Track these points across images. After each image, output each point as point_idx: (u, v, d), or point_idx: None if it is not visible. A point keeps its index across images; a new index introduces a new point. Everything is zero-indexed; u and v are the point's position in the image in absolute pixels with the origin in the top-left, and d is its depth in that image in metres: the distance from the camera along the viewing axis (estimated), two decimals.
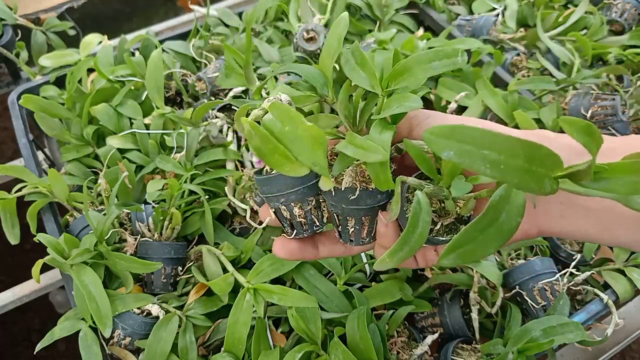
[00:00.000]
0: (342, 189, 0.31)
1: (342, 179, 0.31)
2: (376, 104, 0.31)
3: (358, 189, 0.31)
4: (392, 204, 0.30)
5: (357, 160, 0.31)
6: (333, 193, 0.31)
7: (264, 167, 0.34)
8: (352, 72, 0.31)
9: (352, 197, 0.31)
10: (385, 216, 0.31)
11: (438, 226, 0.30)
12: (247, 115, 0.31)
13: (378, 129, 0.29)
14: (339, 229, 0.34)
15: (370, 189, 0.31)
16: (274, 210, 0.34)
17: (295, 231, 0.34)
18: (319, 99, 0.33)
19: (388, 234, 0.31)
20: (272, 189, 0.33)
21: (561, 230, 0.30)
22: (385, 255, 0.29)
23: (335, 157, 0.32)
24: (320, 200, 0.34)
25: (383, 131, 0.29)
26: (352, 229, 0.33)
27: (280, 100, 0.30)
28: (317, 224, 0.34)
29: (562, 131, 0.26)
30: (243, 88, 0.69)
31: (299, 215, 0.33)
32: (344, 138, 0.31)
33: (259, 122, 0.27)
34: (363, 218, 0.32)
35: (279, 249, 0.35)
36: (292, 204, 0.33)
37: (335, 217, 0.33)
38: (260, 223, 0.35)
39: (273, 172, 0.32)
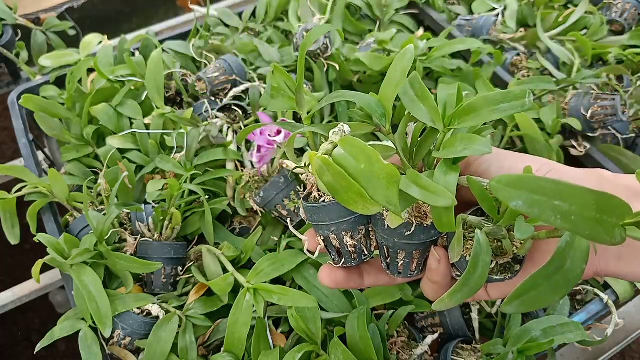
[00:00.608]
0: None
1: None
2: (436, 140, 0.31)
3: (414, 225, 0.30)
4: (453, 244, 0.29)
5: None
6: (386, 227, 0.31)
7: (312, 193, 0.33)
8: (411, 104, 0.31)
9: (407, 233, 0.30)
10: (439, 252, 0.31)
11: (493, 265, 0.30)
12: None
13: (443, 170, 0.28)
14: (388, 260, 0.33)
15: (425, 225, 0.30)
16: (322, 238, 0.33)
17: (343, 259, 0.33)
18: (374, 128, 0.32)
19: (440, 270, 0.31)
20: (324, 217, 0.32)
21: (617, 271, 0.29)
22: (445, 296, 0.28)
23: None
24: (370, 230, 0.33)
25: (448, 172, 0.28)
26: (402, 262, 0.32)
27: (344, 132, 0.29)
28: (366, 253, 0.33)
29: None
30: (244, 88, 0.69)
31: (349, 244, 0.32)
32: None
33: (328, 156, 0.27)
34: (414, 252, 0.32)
35: (325, 278, 0.34)
36: (343, 232, 0.32)
37: (385, 249, 0.33)
38: (311, 252, 0.34)
39: (324, 199, 0.32)
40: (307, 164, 0.39)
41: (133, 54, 0.75)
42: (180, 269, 0.56)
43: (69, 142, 0.68)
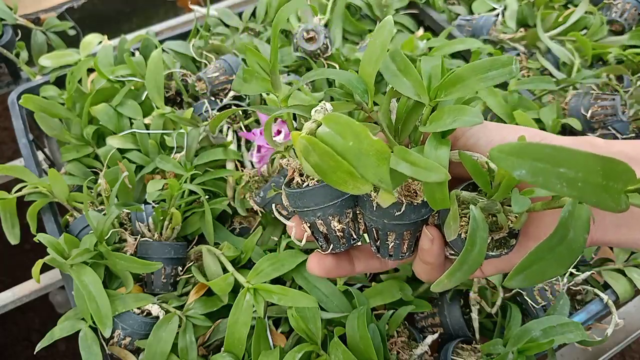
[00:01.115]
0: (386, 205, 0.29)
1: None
2: (421, 115, 0.29)
3: (404, 205, 0.29)
4: (448, 221, 0.28)
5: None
6: (374, 208, 0.30)
7: (294, 178, 0.32)
8: (394, 79, 0.30)
9: (397, 213, 0.29)
10: (432, 231, 0.30)
11: (488, 240, 0.29)
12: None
13: (433, 144, 0.27)
14: (378, 243, 0.32)
15: (415, 204, 0.29)
16: (308, 224, 0.32)
17: (331, 246, 0.32)
18: (356, 107, 0.31)
19: (433, 250, 0.31)
20: (309, 202, 0.30)
21: (616, 239, 0.29)
22: (443, 277, 0.28)
23: None
24: (357, 212, 0.32)
25: (439, 146, 0.27)
26: (392, 244, 0.31)
27: (327, 110, 0.28)
28: (354, 236, 0.32)
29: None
30: None
31: (337, 229, 0.31)
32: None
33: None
34: (405, 233, 0.31)
35: (314, 266, 0.33)
36: (330, 217, 0.31)
37: (374, 232, 0.32)
38: (299, 241, 0.33)
39: (307, 185, 0.31)
40: (287, 147, 0.38)
41: (133, 54, 0.75)
42: (180, 269, 0.56)
43: (69, 142, 0.68)
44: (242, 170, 0.62)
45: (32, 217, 0.58)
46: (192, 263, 0.57)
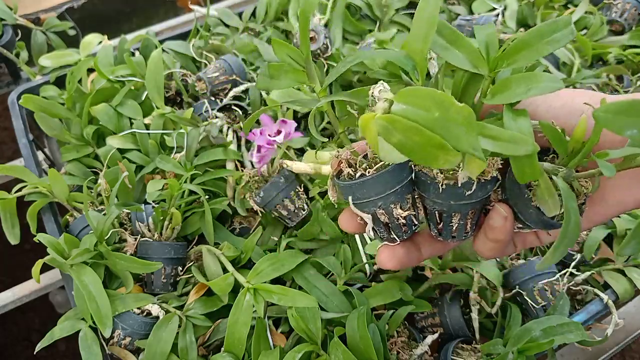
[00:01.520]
0: (457, 185, 0.28)
1: (456, 174, 0.28)
2: (481, 88, 0.28)
3: (475, 184, 0.28)
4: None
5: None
6: (440, 190, 0.28)
7: (340, 171, 0.31)
8: (445, 52, 0.28)
9: (468, 193, 0.28)
10: (505, 209, 0.29)
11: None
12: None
13: (510, 116, 0.26)
14: (440, 226, 0.31)
15: (483, 181, 0.28)
16: (369, 215, 0.30)
17: (393, 235, 0.31)
18: (404, 86, 0.29)
19: (506, 227, 0.30)
20: (369, 193, 0.29)
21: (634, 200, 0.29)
22: (548, 255, 0.27)
23: None
24: (416, 196, 0.31)
25: (517, 117, 0.25)
26: (456, 225, 0.30)
27: (385, 89, 0.26)
28: (416, 223, 0.31)
29: None
30: (244, 87, 0.69)
31: (401, 216, 0.30)
32: None
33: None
34: (469, 212, 0.30)
35: (387, 259, 0.32)
36: (392, 205, 0.30)
37: (437, 215, 0.31)
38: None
39: (366, 174, 0.29)
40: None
41: (133, 54, 0.75)
42: (180, 269, 0.56)
43: (69, 142, 0.68)
44: (242, 170, 0.62)
45: (32, 217, 0.58)
46: (192, 263, 0.57)
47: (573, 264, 0.54)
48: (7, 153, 1.36)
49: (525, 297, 0.53)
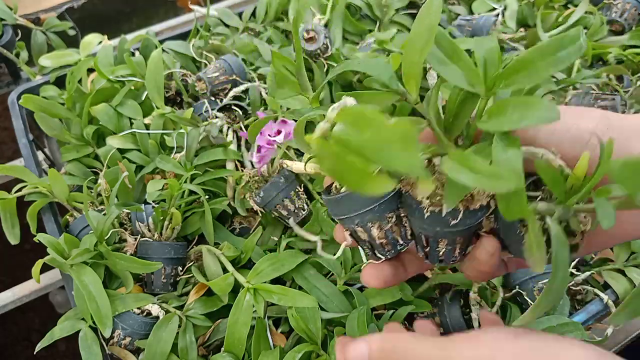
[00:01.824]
0: (440, 213, 0.26)
1: (441, 201, 0.26)
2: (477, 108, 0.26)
3: (461, 212, 0.26)
4: (530, 248, 0.24)
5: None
6: (425, 216, 0.27)
7: (332, 183, 0.30)
8: (441, 67, 0.26)
9: (454, 222, 0.26)
10: (491, 244, 0.27)
11: None
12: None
13: (503, 144, 0.23)
14: (426, 250, 0.30)
15: (472, 209, 0.26)
16: (349, 232, 0.30)
17: (378, 254, 0.30)
18: (398, 98, 0.27)
19: (491, 262, 0.28)
20: (347, 209, 0.28)
21: None
22: (527, 314, 0.25)
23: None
24: (402, 215, 0.29)
25: (508, 148, 0.23)
26: (443, 250, 0.29)
27: (346, 105, 0.25)
28: (401, 242, 0.30)
29: None
30: (244, 87, 0.69)
31: (378, 236, 0.29)
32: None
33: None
34: (457, 239, 0.28)
35: (370, 278, 0.30)
36: (370, 224, 0.28)
37: (424, 238, 0.29)
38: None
39: (342, 190, 0.28)
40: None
41: (133, 54, 0.75)
42: (180, 269, 0.56)
43: (69, 142, 0.68)
44: (242, 170, 0.62)
45: (32, 217, 0.58)
46: (192, 263, 0.57)
47: (573, 264, 0.54)
48: (7, 153, 1.36)
49: (525, 297, 0.53)
